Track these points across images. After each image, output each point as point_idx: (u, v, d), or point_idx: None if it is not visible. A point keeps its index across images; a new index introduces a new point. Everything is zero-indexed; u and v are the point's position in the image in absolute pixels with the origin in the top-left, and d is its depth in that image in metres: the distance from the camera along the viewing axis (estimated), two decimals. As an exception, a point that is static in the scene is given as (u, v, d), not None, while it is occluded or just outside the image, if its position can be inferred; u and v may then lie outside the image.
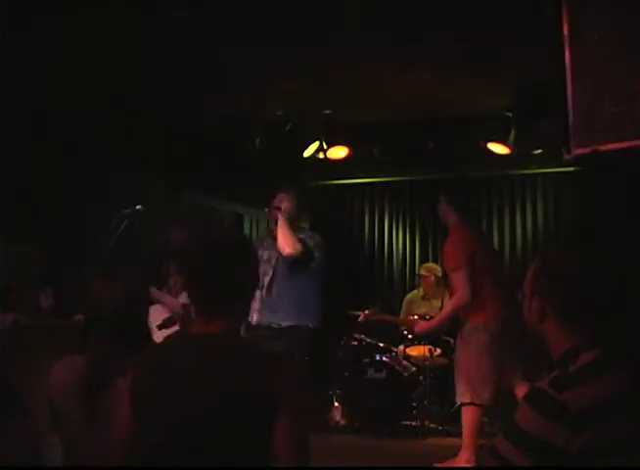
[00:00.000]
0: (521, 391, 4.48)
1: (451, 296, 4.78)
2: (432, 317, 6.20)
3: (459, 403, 4.61)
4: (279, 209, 4.53)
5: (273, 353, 1.71)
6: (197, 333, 1.68)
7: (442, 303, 6.46)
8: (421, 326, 5.20)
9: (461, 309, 4.59)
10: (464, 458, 4.44)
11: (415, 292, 6.91)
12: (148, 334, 2.69)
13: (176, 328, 3.93)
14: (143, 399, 1.65)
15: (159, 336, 3.60)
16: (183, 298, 4.20)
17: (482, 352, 4.49)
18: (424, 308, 6.56)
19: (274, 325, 4.39)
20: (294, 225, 4.53)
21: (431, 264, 7.01)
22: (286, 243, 4.39)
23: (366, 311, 6.17)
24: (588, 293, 1.79)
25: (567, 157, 3.80)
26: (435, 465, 4.50)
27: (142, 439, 1.64)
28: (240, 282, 1.71)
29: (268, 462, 1.59)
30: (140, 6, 4.22)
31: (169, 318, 4.06)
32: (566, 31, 3.64)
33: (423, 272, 6.79)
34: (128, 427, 1.66)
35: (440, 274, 6.85)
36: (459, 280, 4.51)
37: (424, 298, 6.74)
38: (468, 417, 4.52)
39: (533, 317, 1.84)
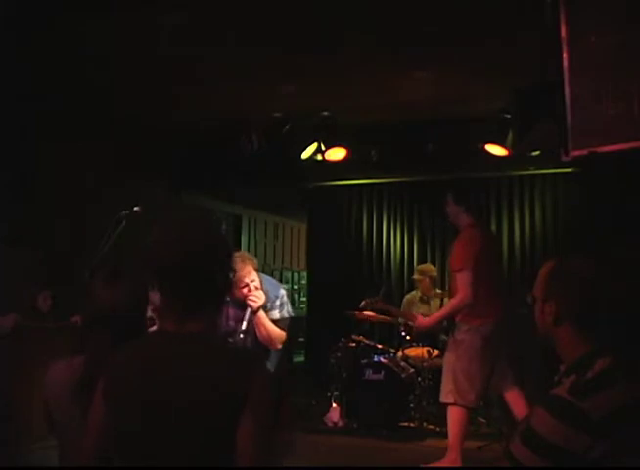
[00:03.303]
0: (510, 395, 4.53)
1: (452, 295, 4.78)
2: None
3: (442, 403, 4.63)
4: (252, 302, 3.81)
5: (244, 354, 1.72)
6: (171, 332, 1.68)
7: (442, 302, 6.48)
8: (420, 322, 5.10)
9: (460, 310, 4.59)
10: (450, 459, 4.44)
11: (414, 293, 6.92)
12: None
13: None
14: (114, 397, 1.66)
15: None
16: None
17: (473, 355, 4.50)
18: (422, 310, 6.58)
19: None
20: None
21: (424, 267, 7.00)
22: (274, 339, 3.92)
23: (367, 299, 5.83)
24: (604, 295, 1.78)
25: (564, 158, 3.81)
26: (422, 466, 4.50)
27: (113, 436, 1.65)
28: (213, 283, 1.69)
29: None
30: (140, 6, 4.22)
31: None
32: (563, 34, 3.65)
33: (416, 276, 6.79)
34: (100, 423, 1.68)
35: (435, 274, 6.86)
36: (463, 281, 4.51)
37: (421, 299, 6.75)
38: (453, 418, 4.53)
39: (547, 321, 1.81)
